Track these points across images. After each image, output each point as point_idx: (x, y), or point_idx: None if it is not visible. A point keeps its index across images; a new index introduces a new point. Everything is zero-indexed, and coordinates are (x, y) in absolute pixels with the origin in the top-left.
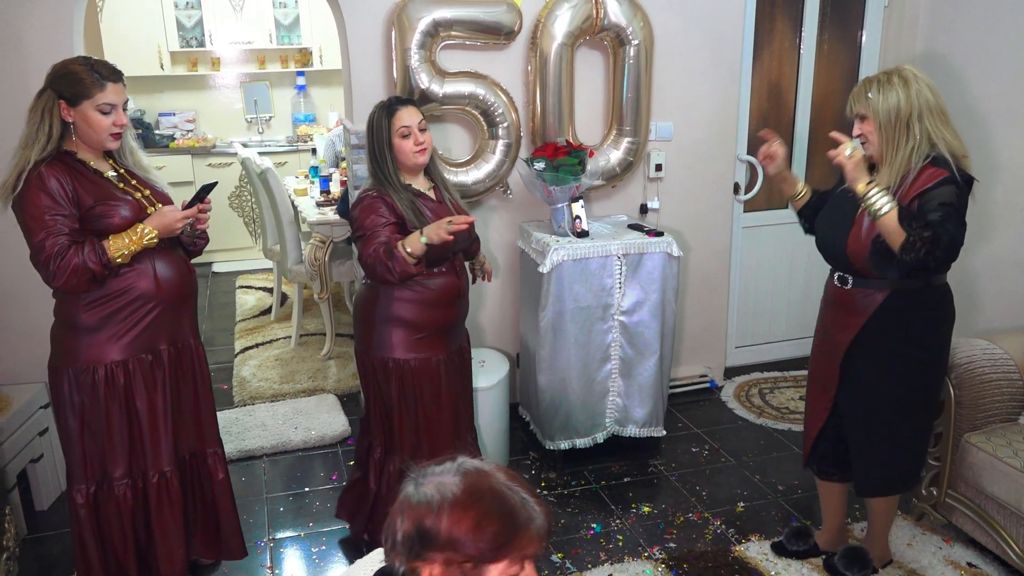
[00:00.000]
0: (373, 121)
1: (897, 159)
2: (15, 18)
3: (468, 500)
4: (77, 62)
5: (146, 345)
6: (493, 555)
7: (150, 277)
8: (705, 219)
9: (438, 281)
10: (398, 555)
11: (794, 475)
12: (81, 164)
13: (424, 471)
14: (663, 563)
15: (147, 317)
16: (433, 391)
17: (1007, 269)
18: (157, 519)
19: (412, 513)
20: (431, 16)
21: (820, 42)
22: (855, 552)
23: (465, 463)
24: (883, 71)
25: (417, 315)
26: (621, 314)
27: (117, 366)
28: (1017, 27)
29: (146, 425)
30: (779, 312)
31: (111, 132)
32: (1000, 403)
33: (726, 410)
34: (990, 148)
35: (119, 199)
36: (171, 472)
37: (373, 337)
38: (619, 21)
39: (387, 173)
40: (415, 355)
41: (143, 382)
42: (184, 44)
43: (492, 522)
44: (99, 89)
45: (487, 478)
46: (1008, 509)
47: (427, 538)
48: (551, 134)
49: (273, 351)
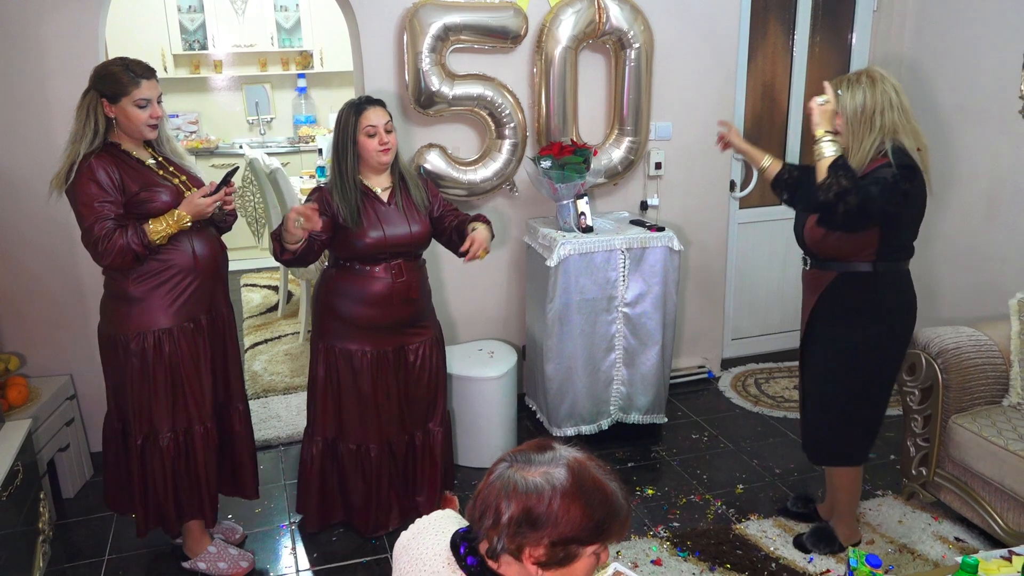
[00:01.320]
0: (341, 118)
1: (861, 149)
2: (38, 25)
3: (576, 491)
4: (115, 63)
5: (188, 314)
6: (591, 539)
7: (188, 254)
8: (702, 215)
9: (372, 280)
10: (498, 533)
11: (790, 459)
12: (125, 154)
13: (525, 458)
14: (668, 540)
15: (188, 289)
16: (358, 378)
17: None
18: (202, 466)
19: (521, 499)
20: (442, 21)
21: (812, 44)
22: (822, 531)
23: (565, 452)
24: (854, 72)
25: (348, 309)
26: (625, 306)
27: (164, 332)
28: (1000, 31)
29: (190, 384)
30: (773, 305)
31: (148, 124)
32: (985, 386)
33: (724, 399)
34: (973, 147)
35: (160, 185)
36: (211, 426)
37: (314, 321)
38: (620, 25)
39: (344, 168)
40: (343, 344)
41: (187, 347)
42: (187, 47)
43: (596, 511)
44: (135, 87)
45: (588, 469)
46: (993, 485)
47: (536, 523)
48: (556, 134)
49: (282, 346)
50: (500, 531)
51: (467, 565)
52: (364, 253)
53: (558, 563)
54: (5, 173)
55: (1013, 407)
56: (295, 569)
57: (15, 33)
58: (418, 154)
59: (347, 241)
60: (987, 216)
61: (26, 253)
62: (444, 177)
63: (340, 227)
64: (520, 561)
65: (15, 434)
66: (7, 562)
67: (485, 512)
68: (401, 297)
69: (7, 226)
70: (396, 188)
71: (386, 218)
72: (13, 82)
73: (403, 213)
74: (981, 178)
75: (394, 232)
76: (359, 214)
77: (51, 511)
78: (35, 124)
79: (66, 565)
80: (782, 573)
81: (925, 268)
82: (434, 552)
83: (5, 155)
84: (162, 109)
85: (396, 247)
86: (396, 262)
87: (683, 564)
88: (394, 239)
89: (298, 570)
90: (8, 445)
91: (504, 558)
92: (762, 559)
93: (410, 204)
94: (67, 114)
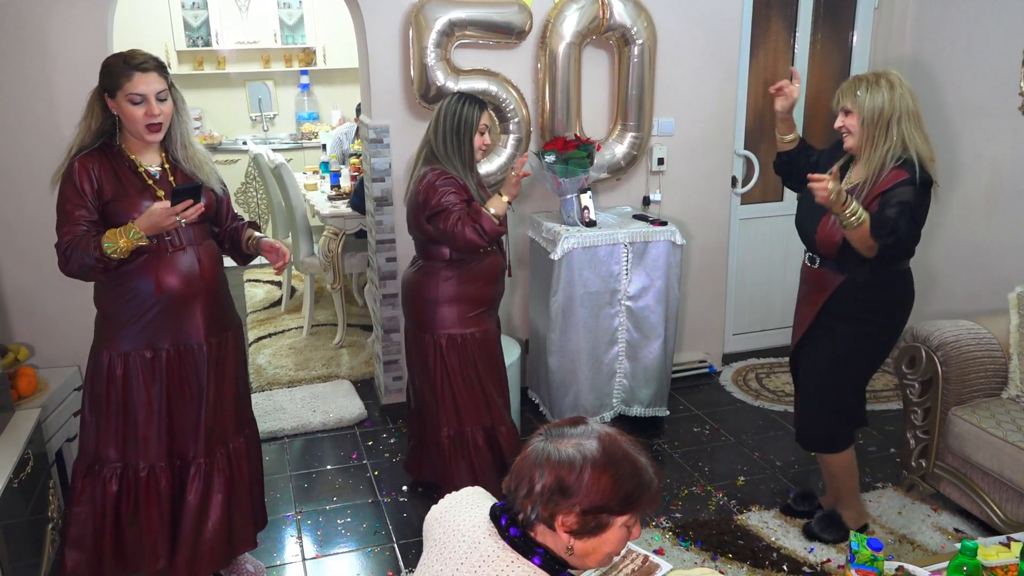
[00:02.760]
0: (461, 111)
1: (875, 156)
2: (45, 19)
3: (606, 462)
4: (118, 54)
5: (146, 341)
6: (621, 509)
7: (150, 276)
8: (704, 211)
9: (486, 259)
10: (532, 502)
11: (790, 452)
12: (119, 157)
13: (558, 432)
14: (670, 531)
15: (146, 315)
16: (491, 361)
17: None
18: (143, 512)
19: (554, 469)
20: (447, 16)
21: (813, 42)
22: (829, 517)
23: (596, 427)
24: (872, 72)
25: (471, 292)
26: (628, 299)
27: (118, 356)
28: (999, 29)
29: (140, 418)
30: (774, 301)
31: (145, 123)
32: (984, 379)
33: (724, 393)
34: (974, 144)
35: (143, 196)
36: (161, 469)
37: (430, 316)
38: (624, 21)
39: (464, 160)
40: (474, 329)
41: (141, 377)
42: (191, 43)
43: (625, 482)
44: (127, 79)
45: (619, 443)
46: (992, 476)
47: (568, 492)
48: (559, 129)
49: (286, 340)
50: (534, 500)
51: (510, 536)
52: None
53: (590, 532)
54: (13, 167)
55: (1012, 399)
56: (301, 557)
57: (22, 27)
58: None
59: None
60: (987, 211)
61: (35, 246)
62: None
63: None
64: (554, 530)
65: (25, 423)
66: (17, 549)
67: (520, 482)
68: (504, 271)
69: (16, 219)
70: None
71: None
72: (20, 77)
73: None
74: (981, 174)
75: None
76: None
77: (60, 499)
78: (42, 119)
79: None
80: (783, 563)
81: (926, 263)
82: (473, 523)
83: (13, 149)
84: (174, 108)
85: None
86: (501, 239)
87: (685, 554)
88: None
89: (304, 559)
90: (18, 434)
91: (539, 527)
92: (763, 549)
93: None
94: (74, 109)
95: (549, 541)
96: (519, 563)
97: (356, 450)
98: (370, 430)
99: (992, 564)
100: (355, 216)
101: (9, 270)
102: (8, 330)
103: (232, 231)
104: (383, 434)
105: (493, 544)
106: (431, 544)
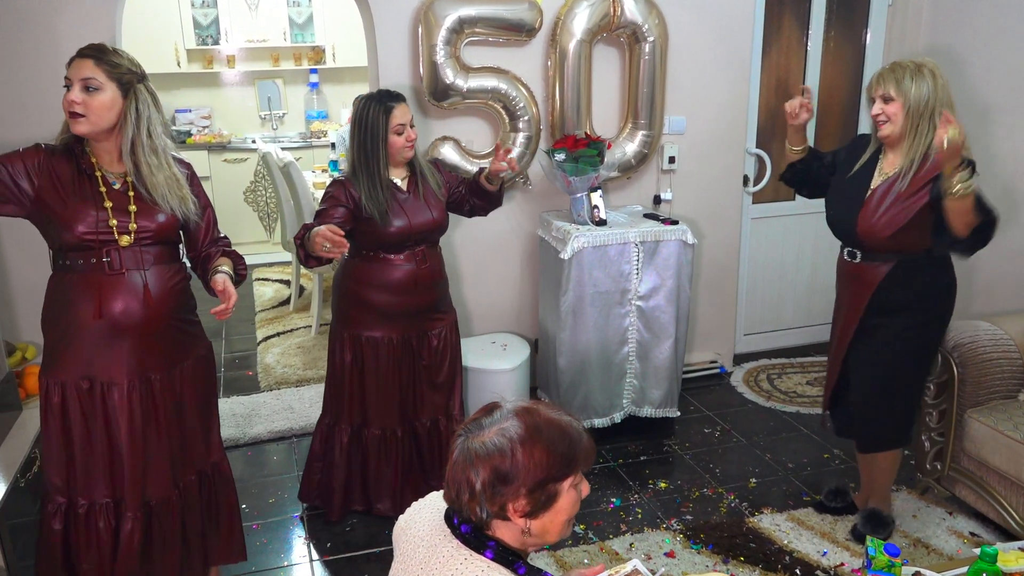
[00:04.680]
0: (367, 115)
1: (917, 145)
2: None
3: (533, 435)
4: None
5: (82, 371)
6: (563, 473)
7: (91, 300)
8: (716, 210)
9: (397, 268)
10: (478, 503)
11: (803, 454)
12: (81, 157)
13: (476, 426)
14: (681, 533)
15: (81, 343)
16: (380, 369)
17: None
18: (86, 550)
19: (485, 463)
20: (456, 13)
21: (826, 39)
22: (874, 515)
23: (510, 405)
24: (911, 61)
25: (375, 297)
26: (638, 299)
27: (57, 385)
28: (1018, 24)
29: (79, 451)
30: (786, 301)
31: (69, 111)
32: (1001, 380)
33: (736, 394)
34: (991, 141)
35: (84, 203)
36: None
37: (338, 310)
38: (635, 19)
39: (376, 167)
40: (370, 332)
41: (78, 407)
42: (200, 42)
43: (558, 445)
44: (67, 65)
45: (537, 411)
46: (1009, 479)
47: (508, 479)
48: (569, 127)
49: (294, 339)
50: (479, 499)
51: (461, 533)
52: (389, 242)
53: (542, 507)
54: None
55: None
56: (309, 559)
57: (32, 25)
58: (432, 147)
59: (371, 231)
60: (1005, 209)
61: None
62: (458, 170)
63: (363, 218)
64: (508, 519)
65: (32, 422)
66: (24, 547)
67: (459, 490)
68: (426, 282)
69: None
70: (413, 176)
71: (408, 207)
72: (29, 74)
73: (423, 200)
74: (999, 171)
75: (418, 220)
76: (389, 205)
77: None
78: (50, 116)
79: None
80: (796, 566)
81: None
82: (430, 528)
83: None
84: (123, 109)
85: (420, 234)
86: (419, 249)
87: (696, 556)
88: (419, 227)
89: (311, 560)
90: (25, 433)
91: (493, 523)
92: (775, 552)
93: (428, 191)
94: None
95: (507, 533)
96: (472, 559)
97: None
98: None
99: (1012, 570)
100: None
101: (16, 267)
102: (15, 328)
103: (204, 258)
104: None
105: (447, 545)
106: (398, 555)
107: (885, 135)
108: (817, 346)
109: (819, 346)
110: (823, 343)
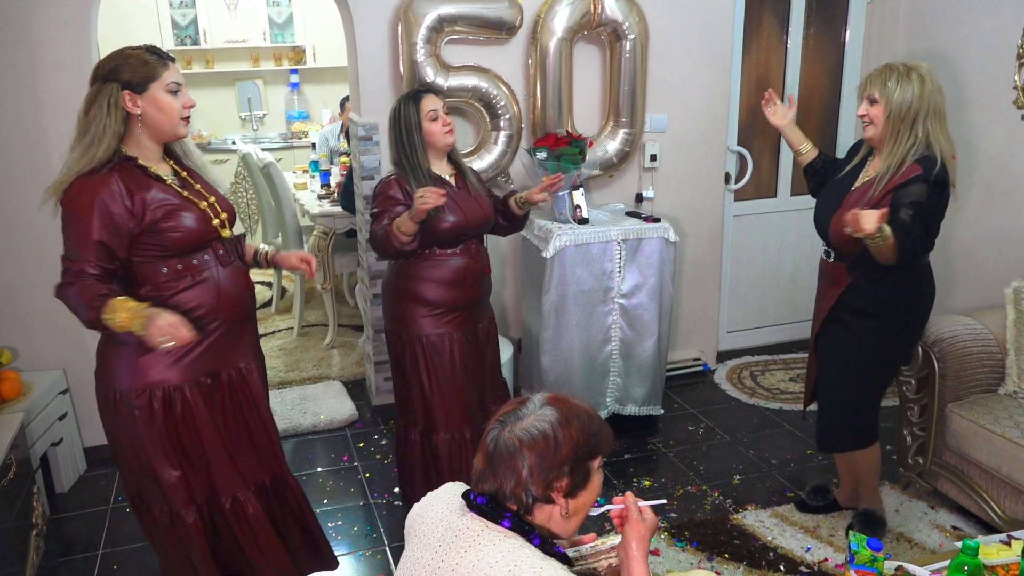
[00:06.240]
0: (399, 111)
1: (897, 151)
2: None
3: (568, 417)
4: (131, 48)
5: (206, 368)
6: (594, 451)
7: (213, 292)
8: (697, 208)
9: (451, 263)
10: (523, 488)
11: (786, 450)
12: (142, 171)
13: (513, 417)
14: (666, 531)
15: (208, 337)
16: (447, 366)
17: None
18: (246, 545)
19: (531, 447)
20: (436, 12)
21: (806, 37)
22: (867, 515)
23: (539, 396)
24: (903, 63)
25: (432, 293)
26: (621, 297)
27: (175, 389)
28: (993, 23)
29: (210, 450)
30: (768, 298)
31: (182, 115)
32: (981, 375)
33: (719, 391)
34: (968, 138)
35: (185, 208)
36: (245, 496)
37: (394, 312)
38: (616, 16)
39: (415, 160)
40: (431, 331)
41: (204, 406)
42: (179, 42)
43: (589, 425)
44: (164, 68)
45: (565, 399)
46: (990, 473)
47: (552, 458)
48: (551, 125)
49: (276, 341)
50: (524, 485)
51: (477, 504)
52: (444, 237)
53: (580, 485)
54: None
55: (1009, 395)
56: None
57: (5, 26)
58: None
59: (426, 228)
60: (982, 206)
61: (19, 246)
62: None
63: None
64: (551, 502)
65: (7, 428)
66: (0, 556)
67: (504, 477)
68: (478, 276)
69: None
70: (460, 173)
71: (460, 201)
72: (5, 76)
73: (472, 196)
74: (976, 168)
75: (472, 214)
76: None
77: (44, 505)
78: (28, 118)
79: (60, 560)
80: (780, 563)
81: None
82: (448, 508)
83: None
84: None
85: (473, 229)
86: (471, 243)
87: (681, 554)
88: (473, 221)
89: None
90: (0, 439)
91: (535, 508)
92: (760, 548)
93: (473, 187)
94: (61, 108)
95: (544, 516)
96: (488, 530)
97: (347, 452)
98: (361, 431)
99: (993, 563)
100: (345, 215)
101: None
102: None
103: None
104: (374, 435)
105: (464, 518)
106: (412, 537)
107: (868, 136)
108: (799, 343)
109: (801, 343)
110: (805, 339)
